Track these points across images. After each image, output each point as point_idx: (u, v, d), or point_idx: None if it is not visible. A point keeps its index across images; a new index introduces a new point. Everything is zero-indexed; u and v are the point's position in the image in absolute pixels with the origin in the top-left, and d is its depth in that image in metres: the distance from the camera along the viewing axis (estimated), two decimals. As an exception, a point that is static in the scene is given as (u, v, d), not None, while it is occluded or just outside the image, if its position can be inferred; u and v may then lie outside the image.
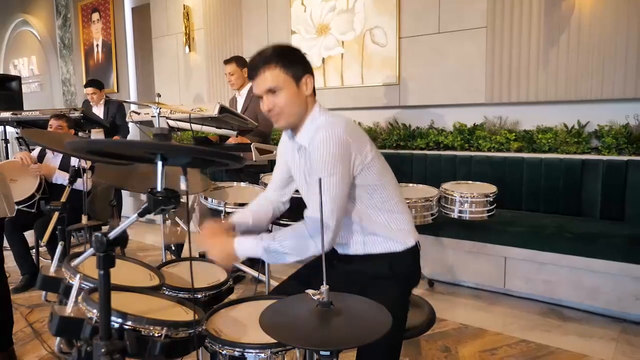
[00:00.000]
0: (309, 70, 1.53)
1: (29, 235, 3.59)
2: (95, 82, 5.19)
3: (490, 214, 2.91)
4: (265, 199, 1.83)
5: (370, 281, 1.56)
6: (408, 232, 1.62)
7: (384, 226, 1.58)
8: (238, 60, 3.85)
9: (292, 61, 1.49)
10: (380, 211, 1.57)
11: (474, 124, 3.90)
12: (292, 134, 1.62)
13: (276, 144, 1.94)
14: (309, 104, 1.54)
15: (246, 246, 1.50)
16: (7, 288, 2.34)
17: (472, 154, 3.83)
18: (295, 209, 1.79)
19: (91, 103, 5.19)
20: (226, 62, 3.90)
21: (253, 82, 1.53)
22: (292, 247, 1.46)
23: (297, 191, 2.41)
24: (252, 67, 1.52)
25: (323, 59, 4.71)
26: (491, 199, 2.90)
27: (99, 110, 5.13)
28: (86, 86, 5.19)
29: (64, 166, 3.63)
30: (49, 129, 3.61)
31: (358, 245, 1.60)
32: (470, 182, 3.14)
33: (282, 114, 1.51)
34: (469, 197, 2.86)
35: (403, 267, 1.60)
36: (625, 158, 3.22)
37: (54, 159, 3.72)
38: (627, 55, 3.18)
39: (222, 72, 5.54)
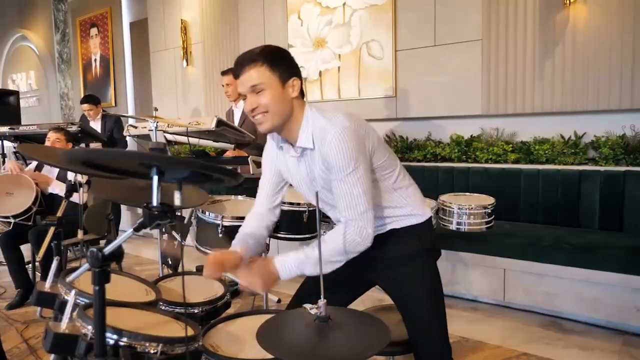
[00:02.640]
0: (297, 74, 1.50)
1: (25, 249, 3.57)
2: (91, 98, 5.19)
3: (488, 225, 2.90)
4: (255, 219, 1.75)
5: (406, 262, 1.58)
6: (422, 202, 1.65)
7: (403, 202, 1.60)
8: (235, 72, 3.84)
9: (279, 62, 1.47)
10: (395, 189, 1.59)
11: (471, 136, 3.91)
12: (283, 142, 1.57)
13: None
14: (296, 107, 1.50)
15: (290, 268, 1.45)
16: None
17: (470, 165, 3.83)
18: (289, 222, 1.79)
19: (88, 118, 5.20)
20: (223, 73, 3.87)
21: (238, 80, 1.51)
22: (342, 252, 1.45)
23: (290, 203, 2.40)
24: (238, 64, 1.49)
25: (320, 72, 4.73)
26: (489, 211, 2.88)
27: (96, 125, 5.13)
28: (82, 102, 5.18)
29: (61, 179, 3.61)
30: (46, 142, 3.60)
31: (383, 225, 1.60)
32: (468, 193, 3.13)
33: (266, 114, 1.46)
34: (467, 209, 2.85)
35: (429, 238, 1.63)
36: (622, 169, 3.22)
37: (49, 174, 3.71)
38: (623, 66, 3.21)
39: (219, 86, 5.56)
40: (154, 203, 1.08)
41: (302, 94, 1.54)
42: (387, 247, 1.58)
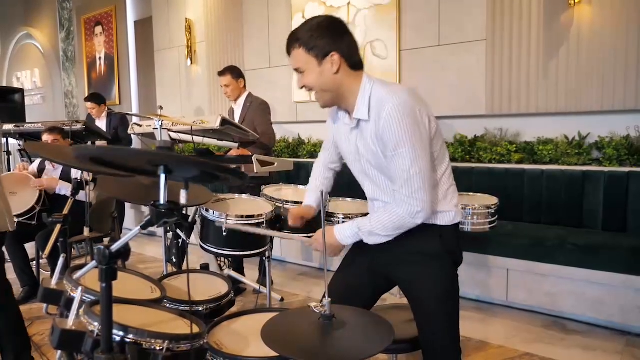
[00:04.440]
0: (338, 47, 1.46)
1: (29, 247, 3.59)
2: (95, 97, 5.21)
3: (491, 225, 2.90)
4: (324, 167, 1.89)
5: (424, 260, 1.56)
6: (457, 207, 1.61)
7: (439, 199, 1.55)
8: (233, 72, 3.78)
9: (317, 39, 1.46)
10: (441, 186, 1.56)
11: (475, 136, 3.91)
12: (340, 110, 1.60)
13: (277, 156, 1.96)
14: (346, 80, 1.49)
15: (347, 234, 1.56)
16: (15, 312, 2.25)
17: (473, 165, 3.83)
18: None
19: (93, 117, 5.22)
20: (220, 73, 3.82)
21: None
22: (393, 229, 1.49)
23: (294, 202, 2.40)
24: (286, 44, 1.54)
25: (324, 72, 4.73)
26: (493, 211, 2.89)
27: (101, 123, 5.16)
28: (86, 101, 5.22)
29: (64, 178, 3.63)
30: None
31: None
32: (472, 193, 3.13)
33: (315, 93, 1.53)
34: (470, 209, 2.85)
35: (451, 242, 1.60)
36: (626, 169, 3.22)
37: (54, 171, 3.72)
38: (627, 67, 3.20)
39: (223, 85, 5.59)
40: (161, 201, 1.09)
41: (354, 64, 1.50)
42: (408, 240, 1.54)
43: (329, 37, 1.47)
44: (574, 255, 2.90)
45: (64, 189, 3.57)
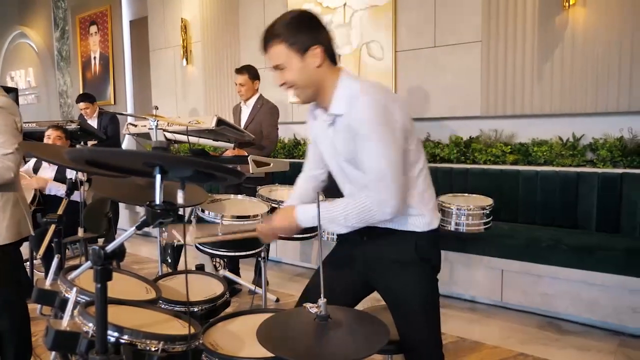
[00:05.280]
0: (318, 41, 1.44)
1: (23, 248, 3.56)
2: (87, 96, 5.16)
3: (486, 226, 2.91)
4: (306, 181, 1.78)
5: (400, 268, 1.52)
6: (433, 211, 1.56)
7: (413, 203, 1.50)
8: (250, 72, 3.72)
9: (297, 33, 1.43)
10: (415, 187, 1.50)
11: (470, 137, 3.92)
12: (316, 108, 1.57)
13: (273, 157, 1.94)
14: (326, 74, 1.46)
15: (309, 215, 1.48)
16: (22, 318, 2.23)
17: (469, 166, 3.84)
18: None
19: (85, 117, 5.17)
20: (238, 71, 3.75)
21: (266, 55, 1.51)
22: (357, 219, 1.42)
23: (282, 201, 2.38)
24: (262, 40, 1.49)
25: (320, 72, 4.74)
26: (488, 212, 2.90)
27: (93, 123, 5.11)
28: (78, 101, 5.13)
29: (59, 177, 3.61)
30: (46, 140, 3.59)
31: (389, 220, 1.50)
32: (467, 194, 3.15)
33: (295, 89, 1.47)
34: (465, 210, 2.87)
35: (426, 248, 1.53)
36: (620, 171, 3.24)
37: (49, 169, 3.71)
38: (621, 69, 3.22)
39: (219, 85, 5.58)
40: (157, 202, 1.08)
41: (333, 59, 1.48)
42: (383, 247, 1.53)
43: (309, 31, 1.44)
44: (569, 256, 2.91)
45: (54, 189, 3.56)
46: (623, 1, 3.18)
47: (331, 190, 1.83)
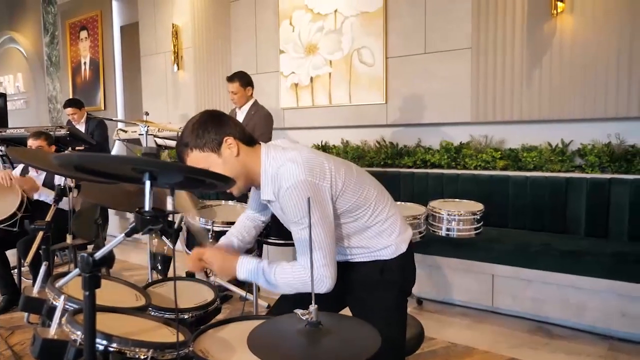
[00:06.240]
0: (227, 132, 1.45)
1: (10, 255, 3.51)
2: (74, 102, 5.10)
3: (477, 231, 2.93)
4: (247, 219, 1.80)
5: (362, 288, 1.55)
6: (399, 236, 1.57)
7: (374, 241, 1.54)
8: (241, 79, 3.75)
9: (205, 134, 1.44)
10: (368, 227, 1.54)
11: (461, 143, 3.95)
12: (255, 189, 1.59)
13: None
14: (248, 160, 1.48)
15: (247, 269, 1.48)
16: None
17: (459, 172, 3.86)
18: (280, 228, 1.77)
19: (73, 122, 5.11)
20: (229, 79, 3.78)
21: None
22: (292, 288, 1.45)
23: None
24: (178, 156, 1.50)
25: (311, 78, 4.75)
26: (478, 217, 2.92)
27: (80, 128, 5.04)
28: (65, 106, 5.06)
29: (48, 184, 3.56)
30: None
31: (349, 256, 1.58)
32: (458, 200, 3.16)
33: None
34: (456, 215, 2.88)
35: (393, 272, 1.56)
36: (608, 176, 3.28)
37: (37, 177, 3.66)
38: (608, 75, 3.27)
39: (210, 90, 5.57)
40: (146, 208, 1.08)
41: (249, 141, 1.49)
42: (350, 274, 1.56)
43: (215, 128, 1.45)
44: (558, 260, 2.93)
45: (44, 195, 3.50)
46: (610, 9, 3.23)
47: (275, 224, 1.82)
